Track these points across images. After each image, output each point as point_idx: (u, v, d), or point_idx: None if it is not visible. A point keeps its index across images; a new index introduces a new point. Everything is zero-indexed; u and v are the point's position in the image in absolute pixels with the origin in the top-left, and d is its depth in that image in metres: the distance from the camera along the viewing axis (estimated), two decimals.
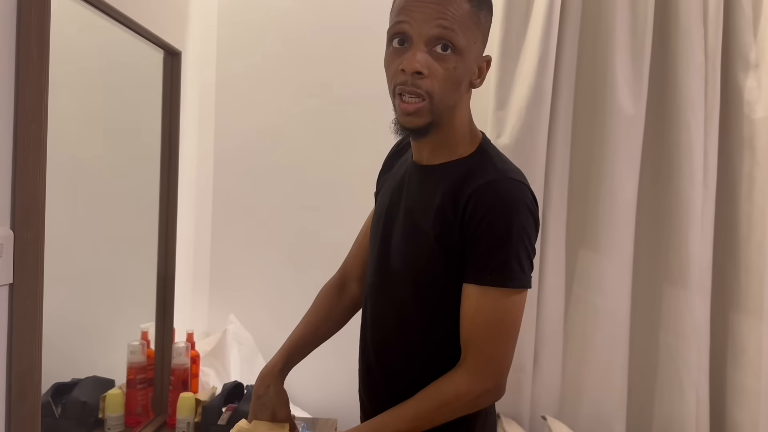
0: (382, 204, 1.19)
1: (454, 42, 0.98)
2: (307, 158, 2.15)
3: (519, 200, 1.01)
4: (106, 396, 1.51)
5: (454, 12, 0.98)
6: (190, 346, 1.76)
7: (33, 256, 1.06)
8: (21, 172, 1.05)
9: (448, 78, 1.00)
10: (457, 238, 1.02)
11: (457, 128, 1.07)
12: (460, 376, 1.03)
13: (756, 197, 1.94)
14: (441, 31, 0.98)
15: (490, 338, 1.02)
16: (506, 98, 1.97)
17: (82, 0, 1.21)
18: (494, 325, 1.02)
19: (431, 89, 0.99)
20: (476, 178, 1.02)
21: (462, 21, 0.99)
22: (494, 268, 1.00)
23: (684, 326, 1.95)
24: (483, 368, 1.03)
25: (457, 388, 1.03)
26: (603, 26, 1.97)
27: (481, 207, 1.00)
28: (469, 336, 1.03)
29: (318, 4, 2.13)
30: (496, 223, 0.99)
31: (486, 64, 1.07)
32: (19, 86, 1.04)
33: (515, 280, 1.01)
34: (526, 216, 1.01)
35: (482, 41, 1.05)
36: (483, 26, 1.04)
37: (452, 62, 0.99)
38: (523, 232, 1.00)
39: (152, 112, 1.65)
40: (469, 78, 1.04)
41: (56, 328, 1.20)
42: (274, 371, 1.22)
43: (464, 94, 1.06)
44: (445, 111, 1.03)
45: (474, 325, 1.02)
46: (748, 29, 1.97)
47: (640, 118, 1.96)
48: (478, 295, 1.01)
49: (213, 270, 2.19)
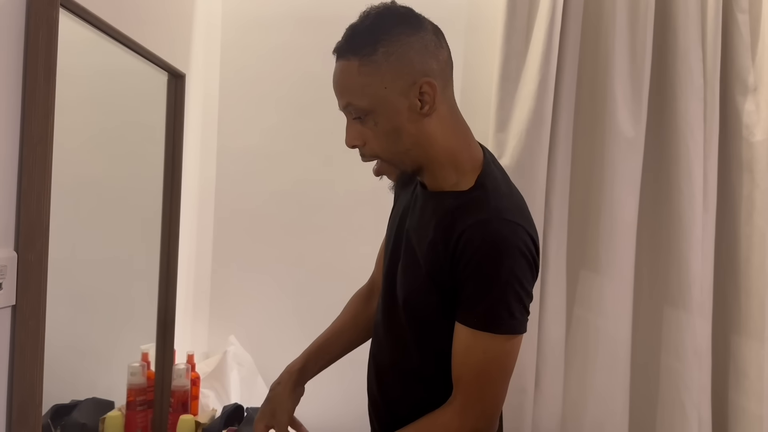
0: (392, 223, 1.19)
1: (357, 106, 0.99)
2: (309, 179, 2.16)
3: (510, 242, 0.96)
4: (105, 418, 1.50)
5: (346, 80, 0.99)
6: (191, 367, 1.76)
7: (36, 277, 1.06)
8: (26, 193, 1.05)
9: (378, 134, 1.00)
10: (447, 277, 1.00)
11: (441, 157, 1.03)
12: (450, 415, 1.02)
13: (756, 220, 1.95)
14: (344, 103, 1.00)
15: (478, 380, 1.00)
16: (506, 120, 1.98)
17: (89, 24, 1.23)
18: (483, 368, 1.00)
19: (373, 152, 1.02)
20: (468, 217, 0.99)
21: (353, 84, 0.98)
22: (482, 313, 0.97)
23: (685, 348, 1.94)
24: (472, 409, 1.01)
25: (446, 427, 1.02)
26: (602, 50, 1.99)
27: (470, 247, 0.97)
28: (459, 376, 1.02)
29: (320, 27, 2.16)
30: (484, 265, 0.96)
31: (427, 86, 0.98)
32: (26, 108, 1.05)
33: (503, 326, 0.97)
34: (517, 259, 0.96)
35: (396, 76, 0.97)
36: (387, 64, 0.97)
37: (370, 121, 0.99)
38: (512, 276, 0.96)
39: (156, 133, 1.66)
40: (406, 116, 0.99)
41: (56, 349, 1.20)
42: (291, 370, 1.22)
43: (418, 130, 1.00)
44: (405, 156, 1.02)
45: (464, 365, 1.01)
46: (746, 53, 1.99)
47: (639, 141, 1.97)
48: (468, 336, 0.99)
49: (213, 291, 2.19)
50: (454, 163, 1.04)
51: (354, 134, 1.01)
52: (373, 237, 1.52)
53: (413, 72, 0.98)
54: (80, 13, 1.17)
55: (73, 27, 1.18)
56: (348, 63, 0.98)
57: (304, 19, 2.15)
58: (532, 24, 1.98)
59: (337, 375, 2.12)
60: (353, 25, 1.02)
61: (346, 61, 0.99)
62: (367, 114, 0.99)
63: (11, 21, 1.02)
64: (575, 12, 1.98)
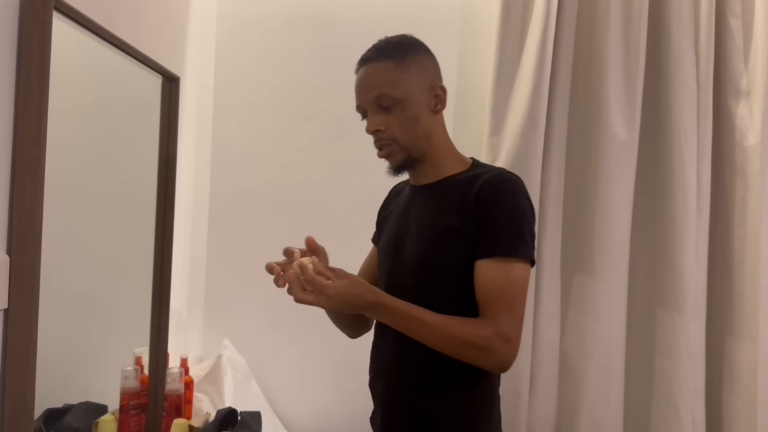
0: (389, 233, 1.35)
1: (390, 96, 1.22)
2: (304, 183, 2.16)
3: (520, 186, 1.21)
4: (98, 422, 1.49)
5: (382, 76, 1.23)
6: (184, 371, 1.75)
7: (28, 281, 1.06)
8: (18, 197, 1.05)
9: (401, 121, 1.23)
10: (473, 225, 1.18)
11: (440, 150, 1.28)
12: (486, 323, 1.14)
13: (749, 223, 1.96)
14: (377, 94, 1.23)
15: (505, 304, 1.14)
16: (501, 124, 1.99)
17: (82, 27, 1.23)
18: (509, 292, 1.15)
19: (393, 136, 1.24)
20: (483, 175, 1.22)
21: (389, 78, 1.22)
22: (505, 241, 1.16)
23: (679, 351, 1.95)
24: (503, 327, 1.13)
25: (482, 328, 1.13)
26: (596, 54, 2.00)
27: (492, 191, 1.18)
28: (486, 303, 1.15)
29: (315, 30, 2.16)
30: (504, 202, 1.18)
31: (441, 90, 1.27)
32: (19, 110, 1.05)
33: (521, 251, 1.16)
34: (527, 198, 1.21)
35: (422, 78, 1.25)
36: (415, 67, 1.24)
37: (398, 109, 1.23)
38: (526, 211, 1.19)
39: (150, 136, 1.66)
40: (425, 110, 1.25)
41: (49, 352, 1.19)
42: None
43: (430, 123, 1.26)
44: (416, 143, 1.25)
45: (490, 293, 1.15)
46: (739, 57, 2.00)
47: (633, 145, 1.98)
48: (492, 267, 1.16)
49: (208, 295, 2.18)
50: (451, 154, 1.30)
51: (377, 121, 1.24)
52: (367, 240, 1.52)
53: (432, 78, 1.27)
54: (74, 16, 1.17)
55: (66, 30, 1.18)
56: (384, 64, 1.23)
57: (298, 22, 2.16)
58: (526, 28, 1.99)
59: (336, 377, 2.13)
60: (384, 40, 1.27)
61: (381, 62, 1.24)
62: (396, 103, 1.22)
63: (4, 24, 1.02)
64: (569, 16, 1.99)
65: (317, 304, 1.13)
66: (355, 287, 1.11)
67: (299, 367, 2.14)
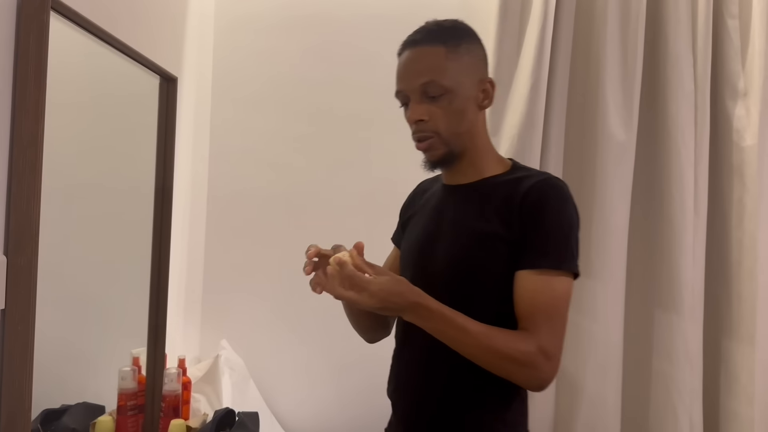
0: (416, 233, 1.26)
1: (439, 84, 1.13)
2: (302, 183, 2.15)
3: (568, 194, 1.14)
4: (96, 423, 1.49)
5: (432, 62, 1.14)
6: (182, 372, 1.75)
7: (26, 282, 1.06)
8: (15, 198, 1.04)
9: (447, 113, 1.14)
10: (517, 231, 1.10)
11: (481, 148, 1.20)
12: (528, 338, 1.07)
13: (746, 224, 1.96)
14: (424, 81, 1.13)
15: (549, 318, 1.08)
16: (498, 124, 1.99)
17: (79, 27, 1.22)
18: (553, 306, 1.09)
19: (436, 128, 1.15)
20: (528, 179, 1.14)
21: (440, 65, 1.13)
22: (551, 252, 1.09)
23: (677, 352, 1.95)
24: (546, 343, 1.06)
25: (525, 342, 1.06)
26: (594, 55, 2.00)
27: (539, 200, 1.11)
28: (528, 317, 1.08)
29: (312, 30, 2.16)
30: (551, 211, 1.11)
31: (489, 85, 1.19)
32: (16, 111, 1.04)
33: (566, 264, 1.10)
34: (574, 209, 1.14)
35: (473, 69, 1.17)
36: (468, 57, 1.16)
37: (446, 100, 1.14)
38: (572, 222, 1.13)
39: (148, 137, 1.65)
40: (472, 104, 1.17)
41: (46, 353, 1.19)
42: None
43: (475, 118, 1.18)
44: (459, 138, 1.16)
45: (533, 307, 1.08)
46: (736, 58, 2.01)
47: (631, 145, 1.98)
48: (536, 280, 1.09)
49: (205, 295, 2.18)
50: (491, 154, 1.23)
51: (421, 111, 1.14)
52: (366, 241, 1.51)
53: (482, 70, 1.19)
54: (71, 16, 1.17)
55: (63, 30, 1.17)
56: (435, 49, 1.14)
57: (296, 22, 2.15)
58: (524, 28, 1.99)
59: (334, 377, 2.13)
60: (434, 23, 1.18)
61: (432, 47, 1.14)
62: (445, 93, 1.13)
63: (2, 24, 1.02)
64: (567, 17, 1.99)
65: (358, 301, 1.02)
66: (397, 285, 1.03)
67: (297, 368, 2.14)
